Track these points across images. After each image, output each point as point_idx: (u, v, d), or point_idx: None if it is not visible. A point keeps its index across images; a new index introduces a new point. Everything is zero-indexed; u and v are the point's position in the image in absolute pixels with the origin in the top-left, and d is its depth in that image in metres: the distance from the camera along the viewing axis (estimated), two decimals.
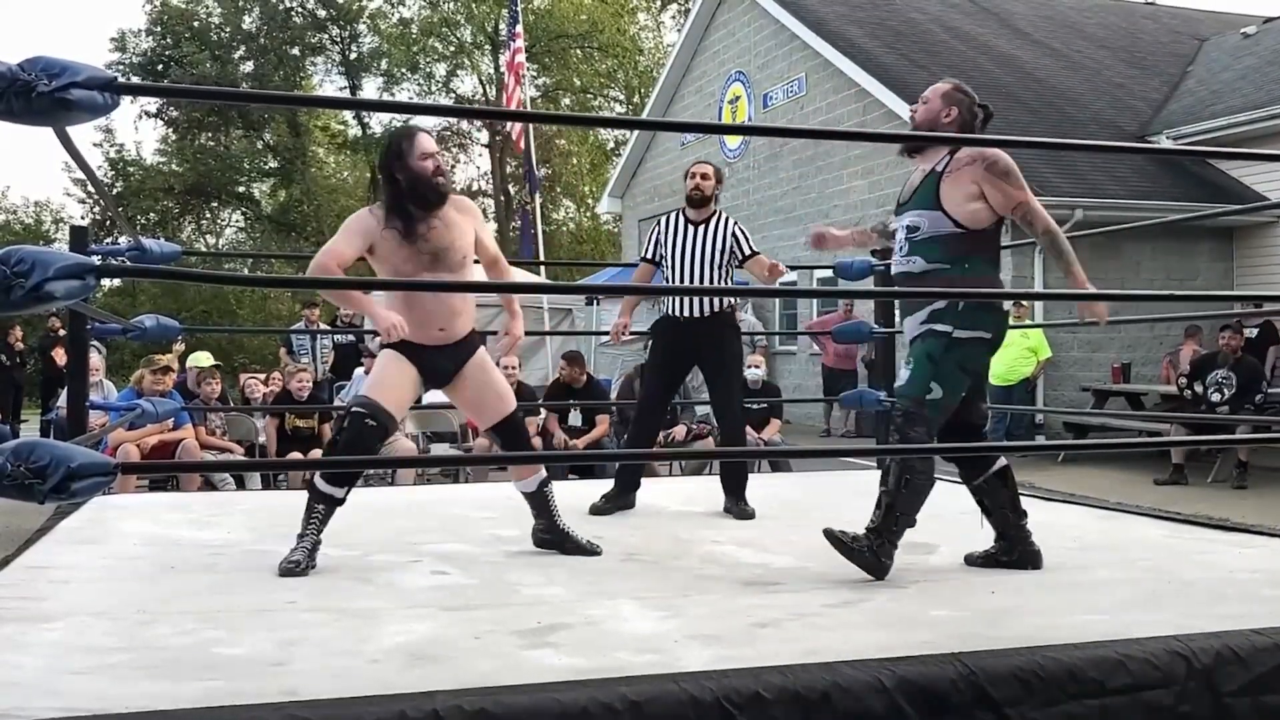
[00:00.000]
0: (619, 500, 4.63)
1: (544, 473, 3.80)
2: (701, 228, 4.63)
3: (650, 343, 4.98)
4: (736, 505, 4.54)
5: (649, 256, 4.78)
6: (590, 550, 3.72)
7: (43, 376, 13.68)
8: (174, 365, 8.25)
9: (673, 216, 4.73)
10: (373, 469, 7.14)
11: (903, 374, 3.40)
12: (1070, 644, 2.37)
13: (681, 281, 4.61)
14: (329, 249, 3.53)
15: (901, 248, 3.45)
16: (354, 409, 3.53)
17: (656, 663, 2.30)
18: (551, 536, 3.76)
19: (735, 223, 4.70)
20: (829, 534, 3.32)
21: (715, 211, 4.70)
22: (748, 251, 4.64)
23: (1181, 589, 3.13)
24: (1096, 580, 3.27)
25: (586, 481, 6.59)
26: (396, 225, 3.51)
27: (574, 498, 4.45)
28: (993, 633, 2.54)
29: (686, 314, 4.62)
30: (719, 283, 4.59)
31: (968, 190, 3.32)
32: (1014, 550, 3.47)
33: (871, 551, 3.25)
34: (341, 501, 3.49)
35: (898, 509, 3.27)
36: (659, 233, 4.73)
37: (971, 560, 3.53)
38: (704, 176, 4.67)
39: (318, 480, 3.49)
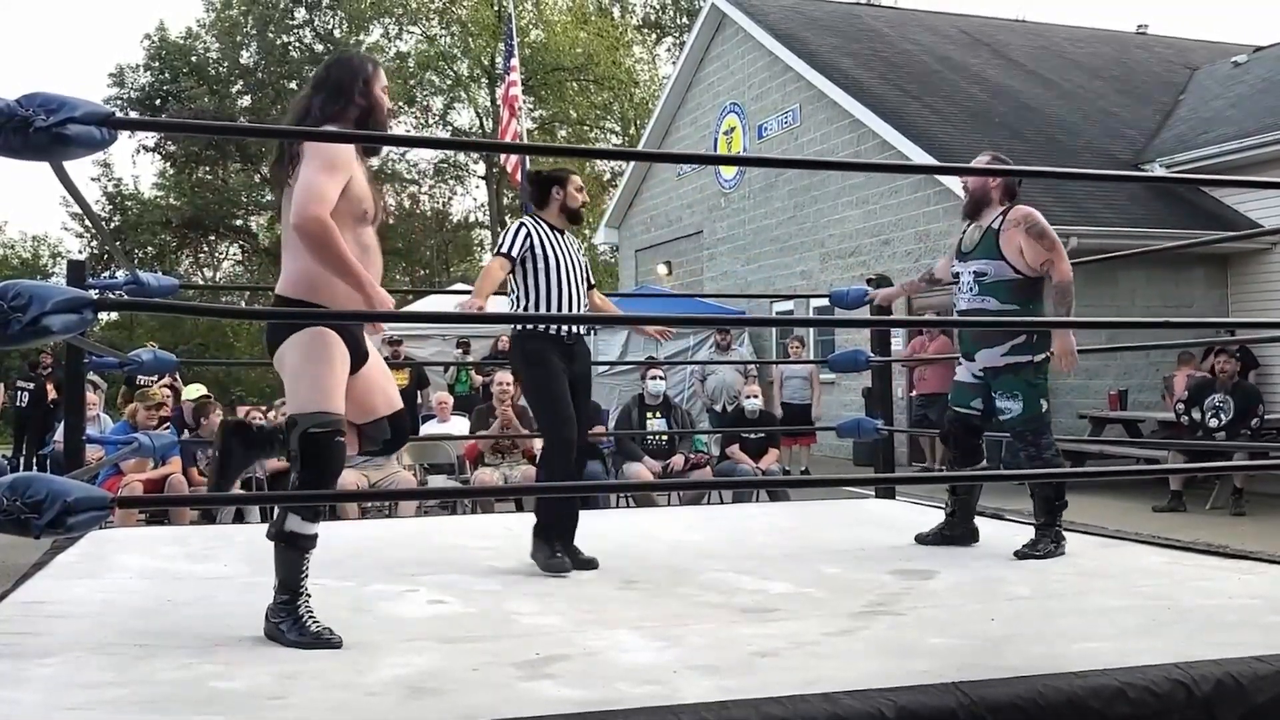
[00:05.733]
0: (569, 551, 4.01)
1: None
2: (568, 236, 4.29)
3: (531, 362, 4.18)
4: (544, 552, 3.95)
5: (512, 254, 4.13)
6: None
7: (40, 409, 13.69)
8: (166, 398, 8.19)
9: (542, 224, 4.22)
10: (371, 501, 7.12)
11: (1008, 405, 4.26)
12: (1070, 672, 2.36)
13: (565, 294, 4.15)
14: (322, 196, 2.78)
15: (971, 289, 4.25)
16: (316, 430, 2.83)
17: (656, 694, 2.29)
18: None
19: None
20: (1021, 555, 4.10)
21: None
22: (590, 280, 4.37)
23: (1181, 616, 3.12)
24: (1096, 608, 3.27)
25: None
26: (368, 152, 3.07)
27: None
28: (993, 661, 2.53)
29: (570, 332, 4.18)
30: (585, 298, 4.26)
31: (1017, 245, 4.14)
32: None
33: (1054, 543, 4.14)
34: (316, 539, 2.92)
35: (1056, 498, 4.21)
36: (532, 239, 4.15)
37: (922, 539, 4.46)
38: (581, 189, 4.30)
39: (294, 524, 2.85)
